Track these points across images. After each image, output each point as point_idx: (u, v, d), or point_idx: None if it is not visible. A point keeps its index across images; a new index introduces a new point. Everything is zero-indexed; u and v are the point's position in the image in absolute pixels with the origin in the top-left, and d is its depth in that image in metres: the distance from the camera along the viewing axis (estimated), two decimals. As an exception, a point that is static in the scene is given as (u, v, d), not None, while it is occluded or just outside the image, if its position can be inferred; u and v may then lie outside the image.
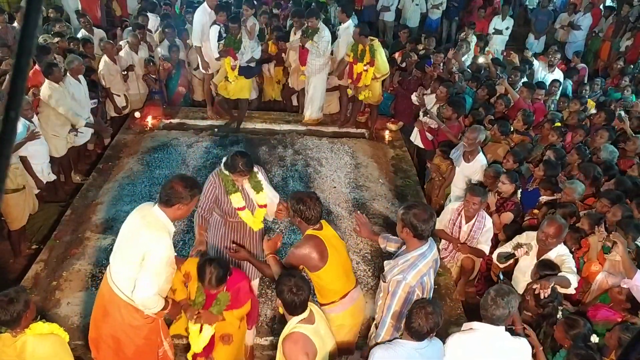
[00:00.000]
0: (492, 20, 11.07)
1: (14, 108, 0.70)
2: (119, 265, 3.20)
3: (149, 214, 3.09)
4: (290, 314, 2.96)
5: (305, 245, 3.27)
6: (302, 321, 2.93)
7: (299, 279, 2.92)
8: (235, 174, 3.65)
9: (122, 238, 3.21)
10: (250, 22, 7.32)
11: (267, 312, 4.48)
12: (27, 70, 0.69)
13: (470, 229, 4.70)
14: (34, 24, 0.69)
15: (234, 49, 6.94)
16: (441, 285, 4.93)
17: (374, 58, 6.91)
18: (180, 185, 3.04)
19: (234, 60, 7.00)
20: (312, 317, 2.98)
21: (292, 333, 2.90)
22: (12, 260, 5.24)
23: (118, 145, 6.96)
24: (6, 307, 2.82)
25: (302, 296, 2.87)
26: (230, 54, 6.95)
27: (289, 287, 2.87)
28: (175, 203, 3.05)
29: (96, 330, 3.43)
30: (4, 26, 7.74)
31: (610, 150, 5.64)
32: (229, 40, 6.91)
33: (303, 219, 3.30)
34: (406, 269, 3.05)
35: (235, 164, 3.62)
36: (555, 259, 3.98)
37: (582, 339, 3.30)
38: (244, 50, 7.09)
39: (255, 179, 3.80)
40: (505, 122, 6.02)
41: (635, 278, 3.59)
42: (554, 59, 8.40)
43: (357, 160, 6.98)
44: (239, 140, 7.22)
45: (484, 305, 2.98)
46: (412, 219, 3.03)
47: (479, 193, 4.61)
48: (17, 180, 4.93)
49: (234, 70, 7.02)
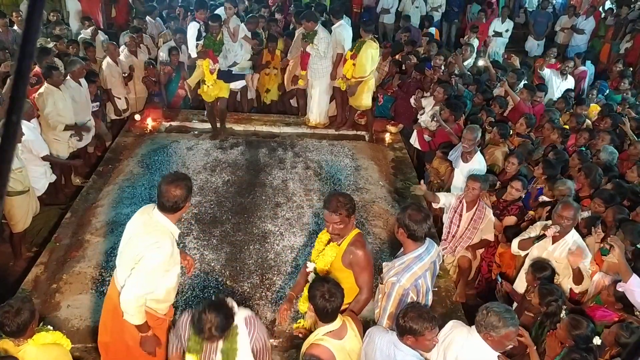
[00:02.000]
0: (492, 22, 11.10)
1: (15, 112, 0.70)
2: (122, 269, 3.20)
3: (151, 220, 3.06)
4: (321, 321, 2.90)
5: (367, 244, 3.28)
6: (330, 333, 2.88)
7: (333, 285, 2.86)
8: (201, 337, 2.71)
9: (124, 242, 3.21)
10: (233, 23, 6.81)
11: (267, 314, 4.48)
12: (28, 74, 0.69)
13: (471, 217, 4.75)
14: (36, 28, 0.69)
15: (213, 50, 6.46)
16: (441, 287, 4.93)
17: (357, 53, 6.96)
18: (178, 188, 2.99)
19: (213, 63, 6.53)
20: (343, 331, 2.91)
21: (318, 345, 2.85)
22: (12, 263, 5.24)
23: (118, 147, 6.97)
24: (13, 319, 2.81)
25: (334, 303, 2.80)
26: (209, 56, 6.46)
27: (321, 292, 2.80)
28: (184, 205, 3.05)
29: (106, 334, 3.43)
30: (5, 29, 7.76)
31: (610, 151, 5.64)
32: (208, 41, 6.43)
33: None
34: (401, 272, 3.07)
35: (202, 327, 2.61)
36: (572, 247, 4.03)
37: (584, 340, 3.30)
38: (226, 53, 6.65)
39: (232, 341, 2.79)
40: (505, 125, 6.03)
41: (630, 282, 3.59)
42: (566, 67, 8.40)
43: (357, 163, 6.99)
44: (239, 143, 7.23)
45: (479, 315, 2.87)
46: (405, 219, 3.05)
47: (479, 179, 4.67)
48: (25, 182, 4.95)
49: (212, 74, 6.57)
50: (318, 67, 7.19)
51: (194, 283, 4.71)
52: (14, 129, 0.70)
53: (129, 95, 7.50)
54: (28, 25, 0.68)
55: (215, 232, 5.39)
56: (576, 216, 4.12)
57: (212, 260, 5.01)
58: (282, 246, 5.28)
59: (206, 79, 6.60)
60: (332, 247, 3.31)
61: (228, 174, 6.43)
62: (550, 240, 4.16)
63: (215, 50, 6.42)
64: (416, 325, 2.72)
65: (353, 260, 3.17)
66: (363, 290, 3.24)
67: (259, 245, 5.27)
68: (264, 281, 4.82)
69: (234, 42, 6.73)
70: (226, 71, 6.72)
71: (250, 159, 6.85)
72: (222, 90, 6.86)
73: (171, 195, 2.97)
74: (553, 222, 4.12)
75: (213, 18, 6.34)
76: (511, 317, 2.77)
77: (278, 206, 5.90)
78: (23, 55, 0.67)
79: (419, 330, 2.72)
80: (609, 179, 5.19)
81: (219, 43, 6.42)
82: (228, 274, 4.86)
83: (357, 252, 3.15)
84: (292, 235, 5.44)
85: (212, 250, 5.14)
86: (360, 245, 3.18)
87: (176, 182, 3.01)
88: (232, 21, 6.76)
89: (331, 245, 3.33)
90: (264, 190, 6.17)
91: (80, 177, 6.61)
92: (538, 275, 3.94)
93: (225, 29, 6.58)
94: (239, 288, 4.72)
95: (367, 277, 3.22)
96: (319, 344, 2.84)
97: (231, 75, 6.87)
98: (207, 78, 6.59)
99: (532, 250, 4.28)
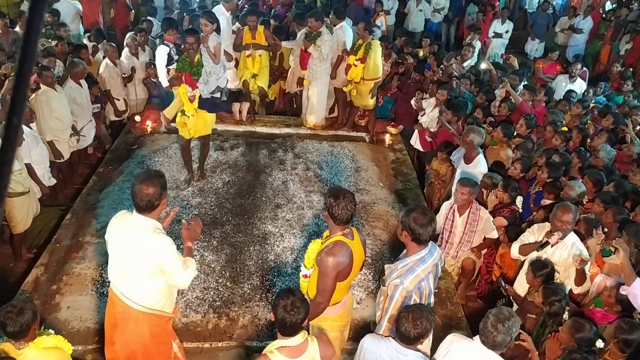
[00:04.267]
0: (492, 23, 11.11)
1: (16, 114, 0.70)
2: (127, 283, 3.14)
3: (135, 225, 3.03)
4: (280, 333, 2.76)
5: (338, 254, 3.08)
6: (284, 349, 2.71)
7: (299, 299, 2.71)
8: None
9: (117, 257, 3.14)
10: (213, 41, 5.80)
11: (267, 315, 4.48)
12: (29, 77, 0.69)
13: (465, 221, 4.74)
14: (37, 31, 0.69)
15: (191, 74, 5.37)
16: (442, 288, 4.92)
17: (366, 56, 6.92)
18: (151, 186, 2.96)
19: (192, 89, 5.43)
20: (301, 350, 2.73)
21: (265, 357, 2.71)
22: (12, 264, 5.24)
23: (118, 149, 6.97)
24: (16, 319, 2.81)
25: (294, 317, 2.65)
26: (186, 82, 5.38)
27: (284, 303, 2.66)
28: (159, 203, 3.03)
29: (112, 350, 3.36)
30: (5, 30, 7.76)
31: (608, 150, 5.65)
32: (183, 63, 5.33)
33: (330, 215, 3.12)
34: (404, 274, 3.06)
35: None
36: (572, 249, 4.03)
37: (587, 344, 3.29)
38: (207, 78, 5.65)
39: None
40: (509, 125, 6.03)
41: (634, 285, 3.58)
42: (575, 70, 8.40)
43: (357, 164, 6.98)
44: (239, 144, 7.22)
45: (484, 331, 2.82)
46: (410, 222, 3.03)
47: (468, 183, 4.65)
48: (25, 183, 4.95)
49: (192, 102, 5.47)
50: (317, 69, 7.17)
51: (194, 284, 4.70)
52: (15, 131, 0.70)
53: (128, 97, 7.49)
54: (29, 27, 0.68)
55: (215, 233, 5.38)
56: (575, 219, 4.12)
57: (212, 262, 5.01)
58: (282, 247, 5.28)
59: (185, 108, 5.51)
60: (314, 243, 3.36)
61: (228, 175, 6.43)
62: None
63: (194, 73, 5.37)
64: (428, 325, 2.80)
65: (319, 262, 3.12)
66: (318, 295, 3.18)
67: (259, 246, 5.27)
68: (264, 282, 4.82)
69: (216, 63, 5.80)
70: (208, 99, 5.71)
71: (251, 160, 6.84)
72: (205, 126, 5.81)
73: (144, 195, 2.95)
74: (553, 227, 4.10)
75: (189, 33, 5.34)
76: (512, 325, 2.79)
77: (278, 207, 5.89)
78: (24, 58, 0.67)
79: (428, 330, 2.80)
80: (609, 181, 5.20)
81: (197, 65, 5.37)
82: (228, 275, 4.86)
83: (325, 257, 3.07)
84: (293, 237, 5.44)
85: (212, 251, 5.14)
86: (331, 252, 3.08)
87: (147, 181, 2.98)
88: (211, 39, 5.78)
89: (314, 242, 3.39)
90: (264, 192, 6.17)
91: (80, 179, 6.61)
92: (538, 273, 3.93)
93: (205, 49, 5.65)
94: (239, 289, 4.72)
95: (325, 283, 3.11)
96: (266, 356, 2.71)
97: (215, 104, 5.88)
98: (186, 107, 5.50)
99: (531, 254, 4.27)
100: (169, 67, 5.48)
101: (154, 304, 3.17)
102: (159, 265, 3.02)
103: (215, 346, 4.21)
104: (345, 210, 3.06)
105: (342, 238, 3.13)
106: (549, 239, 4.09)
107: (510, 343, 2.84)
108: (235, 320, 4.42)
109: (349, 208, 3.07)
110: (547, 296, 3.69)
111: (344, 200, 3.06)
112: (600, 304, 3.92)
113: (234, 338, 4.27)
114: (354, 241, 3.19)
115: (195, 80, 5.40)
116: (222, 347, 4.21)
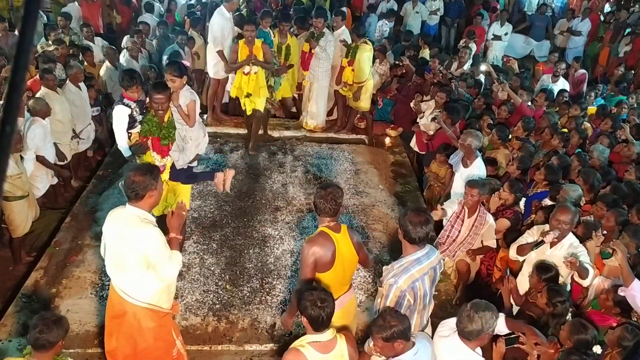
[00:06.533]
0: (491, 26, 11.11)
1: (9, 123, 0.70)
2: (121, 276, 3.22)
3: (125, 216, 3.12)
4: (313, 329, 2.78)
5: (316, 242, 3.19)
6: (315, 344, 2.76)
7: (322, 291, 2.79)
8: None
9: (111, 250, 3.23)
10: (185, 98, 4.53)
11: (267, 318, 4.48)
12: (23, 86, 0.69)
13: (472, 223, 4.73)
14: (29, 40, 0.70)
15: (160, 138, 4.33)
16: (441, 291, 4.92)
17: (353, 59, 6.96)
18: (139, 175, 3.08)
19: (161, 157, 4.38)
20: (330, 346, 2.79)
21: (297, 351, 2.76)
22: (11, 267, 5.23)
23: (118, 151, 6.94)
24: (51, 326, 2.84)
25: (327, 309, 2.72)
26: (154, 148, 4.34)
27: (312, 300, 2.71)
28: (145, 193, 3.09)
29: (112, 341, 3.44)
30: (5, 33, 7.77)
31: (601, 150, 5.66)
32: (149, 125, 4.28)
33: (314, 206, 3.29)
34: (399, 273, 3.08)
35: None
36: (569, 249, 4.02)
37: (584, 346, 3.28)
38: (182, 144, 4.56)
39: None
40: (504, 128, 6.03)
41: (632, 287, 3.58)
42: (559, 69, 8.41)
43: (356, 166, 6.99)
44: (239, 147, 7.23)
45: (459, 318, 2.91)
46: (405, 222, 3.07)
47: (476, 184, 4.65)
48: (24, 187, 4.95)
49: (162, 173, 4.25)
50: (317, 70, 7.18)
51: (194, 287, 4.71)
52: (8, 140, 0.70)
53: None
54: (22, 37, 0.69)
55: (215, 236, 5.38)
56: (574, 220, 4.12)
57: (212, 264, 5.01)
58: (282, 250, 5.28)
59: None
60: None
61: (228, 178, 6.43)
62: (548, 245, 4.15)
63: (164, 137, 4.33)
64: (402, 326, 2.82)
65: (301, 250, 3.30)
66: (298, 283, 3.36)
67: (259, 249, 5.27)
68: (263, 285, 4.82)
69: (191, 125, 4.59)
70: (184, 169, 4.63)
71: (250, 162, 6.85)
72: (177, 198, 4.56)
73: (130, 182, 3.07)
74: (551, 227, 4.11)
75: (156, 88, 4.23)
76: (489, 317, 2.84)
77: (278, 210, 5.90)
78: (17, 67, 0.68)
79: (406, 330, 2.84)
80: (607, 183, 5.20)
81: (167, 127, 4.33)
82: (228, 278, 4.86)
83: (304, 245, 3.23)
84: (292, 239, 5.44)
85: (212, 254, 5.14)
86: (310, 240, 3.23)
87: (136, 171, 3.14)
88: (182, 96, 4.52)
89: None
90: (263, 194, 6.17)
91: (79, 181, 6.61)
92: (543, 277, 3.91)
93: (177, 109, 4.49)
94: (239, 292, 4.72)
95: (302, 269, 3.24)
96: (297, 350, 2.76)
97: (191, 175, 4.80)
98: None
99: (529, 255, 4.27)
100: (130, 132, 4.33)
101: (149, 299, 3.22)
102: (145, 256, 3.06)
103: (215, 349, 4.21)
104: (327, 203, 3.18)
105: (325, 229, 3.24)
106: (544, 237, 4.10)
107: (485, 336, 2.88)
108: (234, 323, 4.42)
109: (331, 200, 3.18)
110: (552, 297, 3.67)
111: (328, 193, 3.19)
112: (598, 306, 3.92)
113: (233, 341, 4.27)
114: (340, 235, 3.27)
115: (165, 145, 4.37)
116: (222, 350, 4.21)
